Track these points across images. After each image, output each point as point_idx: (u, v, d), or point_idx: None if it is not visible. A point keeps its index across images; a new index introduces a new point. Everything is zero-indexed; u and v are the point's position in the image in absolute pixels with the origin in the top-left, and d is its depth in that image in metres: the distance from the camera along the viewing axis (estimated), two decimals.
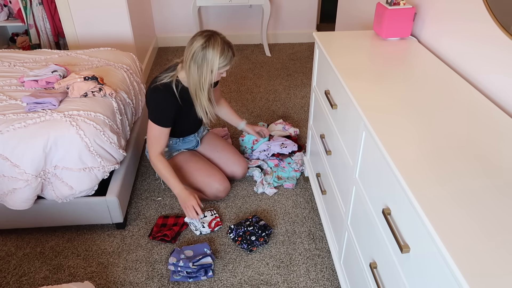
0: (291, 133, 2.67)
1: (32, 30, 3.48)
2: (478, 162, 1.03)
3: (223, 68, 1.82)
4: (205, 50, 1.74)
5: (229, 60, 1.81)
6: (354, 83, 1.44)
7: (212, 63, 1.76)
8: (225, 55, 1.78)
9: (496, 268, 0.76)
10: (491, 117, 1.23)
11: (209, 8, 4.08)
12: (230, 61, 1.82)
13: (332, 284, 1.74)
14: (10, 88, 2.00)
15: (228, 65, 1.83)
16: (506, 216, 0.87)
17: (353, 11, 2.86)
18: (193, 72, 1.80)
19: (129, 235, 1.98)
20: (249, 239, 1.89)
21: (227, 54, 1.79)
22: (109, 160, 1.88)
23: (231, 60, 1.82)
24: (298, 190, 2.26)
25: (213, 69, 1.78)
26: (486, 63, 1.42)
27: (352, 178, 1.41)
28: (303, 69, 3.70)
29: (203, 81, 1.81)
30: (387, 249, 1.12)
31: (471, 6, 1.49)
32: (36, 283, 1.74)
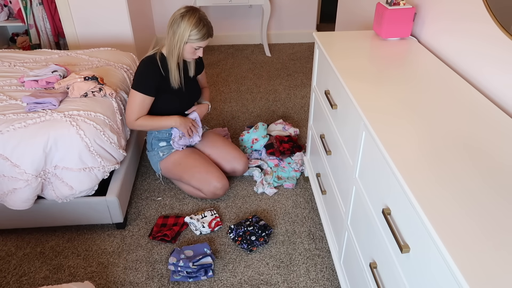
0: (291, 133, 2.67)
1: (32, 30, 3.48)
2: (478, 162, 1.03)
3: (196, 42, 1.88)
4: (181, 19, 1.84)
5: (202, 35, 1.86)
6: (354, 83, 1.44)
7: (184, 32, 1.84)
8: (199, 29, 1.84)
9: (496, 268, 0.76)
10: (491, 117, 1.23)
11: (209, 8, 4.08)
12: (203, 37, 1.87)
13: (332, 284, 1.74)
14: (10, 88, 2.00)
15: (200, 40, 1.88)
16: (506, 216, 0.87)
17: (353, 11, 2.86)
18: (169, 37, 1.89)
19: (129, 235, 1.98)
20: (249, 239, 1.89)
21: (201, 29, 1.85)
22: (109, 160, 1.89)
23: (204, 36, 1.87)
24: (298, 190, 2.26)
25: (184, 38, 1.85)
26: (486, 63, 1.42)
27: (352, 178, 1.41)
28: (303, 69, 3.70)
29: (174, 47, 1.88)
30: (387, 249, 1.12)
31: (471, 6, 1.49)
32: (36, 283, 1.75)
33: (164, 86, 1.99)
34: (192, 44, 1.88)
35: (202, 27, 1.85)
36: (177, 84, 2.02)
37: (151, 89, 1.95)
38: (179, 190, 2.26)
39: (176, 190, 2.26)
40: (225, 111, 3.01)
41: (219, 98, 3.21)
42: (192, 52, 1.93)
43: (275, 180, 2.30)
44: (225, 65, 3.79)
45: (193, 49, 1.91)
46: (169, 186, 2.29)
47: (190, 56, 1.95)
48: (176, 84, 2.01)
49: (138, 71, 1.97)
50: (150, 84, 1.95)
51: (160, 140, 2.14)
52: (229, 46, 4.25)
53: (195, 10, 1.87)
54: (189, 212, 2.12)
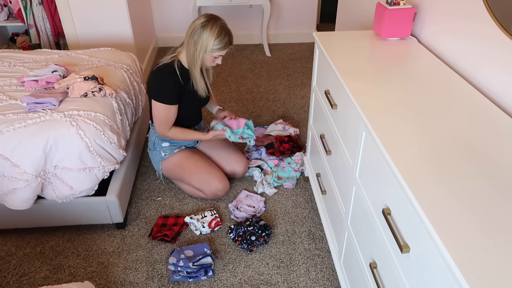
0: (291, 133, 2.67)
1: (32, 30, 3.48)
2: (478, 162, 1.03)
3: (217, 52, 1.88)
4: (203, 29, 1.82)
5: (223, 44, 1.86)
6: (354, 83, 1.44)
7: (207, 42, 1.83)
8: (220, 39, 1.84)
9: (496, 267, 0.76)
10: (491, 117, 1.23)
11: (209, 8, 4.08)
12: (225, 47, 1.87)
13: (332, 284, 1.74)
14: (10, 88, 2.00)
15: (222, 49, 1.88)
16: (506, 216, 0.87)
17: (353, 11, 2.86)
18: (190, 47, 1.87)
19: (129, 235, 1.98)
20: (249, 239, 1.89)
21: (223, 39, 1.85)
22: (109, 160, 1.88)
23: (226, 45, 1.88)
24: (298, 190, 2.26)
25: (207, 48, 1.85)
26: (486, 63, 1.42)
27: (352, 178, 1.41)
28: (303, 69, 3.70)
29: (197, 57, 1.88)
30: (387, 249, 1.12)
31: (471, 6, 1.49)
32: (36, 283, 1.75)
33: (181, 94, 1.98)
34: (213, 53, 1.88)
35: (224, 36, 1.85)
36: (204, 92, 2.03)
37: (173, 98, 1.95)
38: (179, 190, 2.26)
39: (176, 190, 2.26)
40: None
41: (219, 98, 3.21)
42: (212, 60, 1.92)
43: (275, 180, 2.30)
44: (225, 65, 3.79)
45: (213, 58, 1.91)
46: (169, 186, 2.29)
47: (210, 64, 1.95)
48: (203, 92, 2.02)
49: (158, 81, 1.93)
50: (171, 93, 1.93)
51: (163, 140, 2.14)
52: None
53: (216, 19, 1.85)
54: (189, 212, 2.12)
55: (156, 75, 1.94)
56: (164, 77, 1.93)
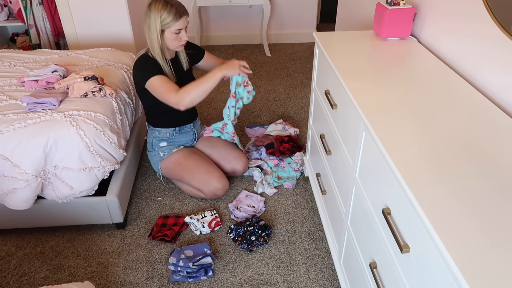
0: (291, 133, 2.68)
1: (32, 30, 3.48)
2: (478, 162, 1.03)
3: (172, 26, 1.81)
4: (148, 9, 1.80)
5: (173, 15, 1.79)
6: (354, 83, 1.44)
7: (155, 21, 1.79)
8: (168, 11, 1.78)
9: (496, 267, 0.76)
10: (491, 117, 1.23)
11: (209, 8, 4.08)
12: (176, 17, 1.80)
13: (332, 284, 1.74)
14: (10, 88, 2.00)
15: (175, 21, 1.80)
16: (506, 216, 0.87)
17: (353, 11, 2.86)
18: (146, 33, 1.84)
19: (129, 235, 1.98)
20: (249, 239, 1.89)
21: (170, 10, 1.79)
22: (109, 160, 1.89)
23: (176, 15, 1.80)
24: (298, 190, 2.26)
25: (157, 26, 1.80)
26: (486, 63, 1.42)
27: (352, 178, 1.41)
28: (303, 69, 3.70)
29: (154, 41, 1.84)
30: (387, 249, 1.12)
31: (471, 6, 1.49)
32: (36, 283, 1.75)
33: None
34: (170, 29, 1.82)
35: (171, 7, 1.78)
36: (172, 78, 1.95)
37: (158, 70, 1.89)
38: (179, 190, 2.26)
39: (176, 190, 2.27)
40: None
41: (219, 98, 3.21)
42: (175, 38, 1.85)
43: (275, 180, 2.30)
44: None
45: (174, 35, 1.84)
46: (169, 186, 2.29)
47: (176, 43, 1.88)
48: (171, 78, 1.95)
49: (138, 67, 1.93)
50: (154, 67, 1.90)
51: (160, 140, 2.14)
52: (229, 46, 4.25)
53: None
54: (189, 212, 2.12)
55: (137, 64, 1.93)
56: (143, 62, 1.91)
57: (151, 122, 2.15)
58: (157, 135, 2.13)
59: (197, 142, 2.28)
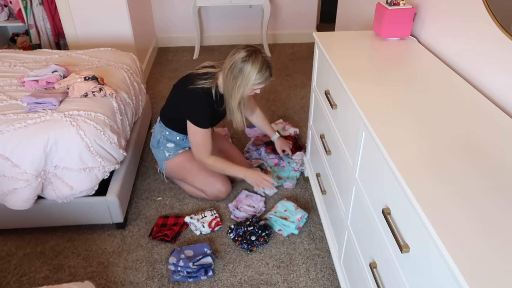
0: (291, 133, 2.68)
1: (33, 30, 3.48)
2: (478, 162, 1.03)
3: (258, 85, 1.87)
4: (244, 64, 1.80)
5: (264, 79, 1.85)
6: (354, 83, 1.44)
7: (248, 77, 1.82)
8: (262, 73, 1.82)
9: (496, 267, 0.76)
10: (491, 117, 1.23)
11: (209, 8, 4.08)
12: (265, 80, 1.87)
13: (332, 284, 1.74)
14: (11, 88, 2.00)
15: (263, 83, 1.87)
16: (506, 216, 0.87)
17: (353, 11, 2.86)
18: (229, 81, 1.85)
19: (129, 235, 1.98)
20: (249, 239, 1.89)
21: (264, 73, 1.83)
22: (109, 160, 1.89)
23: (267, 79, 1.87)
24: (298, 190, 2.26)
25: (248, 83, 1.83)
26: (486, 63, 1.42)
27: (352, 178, 1.41)
28: (303, 69, 3.70)
29: (236, 92, 1.87)
30: (387, 249, 1.12)
31: (471, 6, 1.49)
32: (36, 283, 1.75)
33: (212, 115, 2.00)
34: (254, 87, 1.87)
35: (265, 71, 1.83)
36: (241, 124, 2.01)
37: (210, 122, 1.96)
38: (179, 190, 2.26)
39: (176, 190, 2.27)
40: None
41: None
42: (251, 91, 1.91)
43: (275, 180, 2.30)
44: None
45: (252, 90, 1.90)
46: (169, 186, 2.29)
47: (248, 94, 1.94)
48: (240, 124, 2.01)
49: (200, 108, 1.92)
50: (208, 117, 1.94)
51: (169, 141, 2.13)
52: (229, 46, 4.25)
53: (257, 53, 1.82)
54: (189, 212, 2.13)
55: (200, 102, 1.92)
56: (206, 106, 1.92)
57: (165, 122, 2.12)
58: (167, 135, 2.12)
59: None
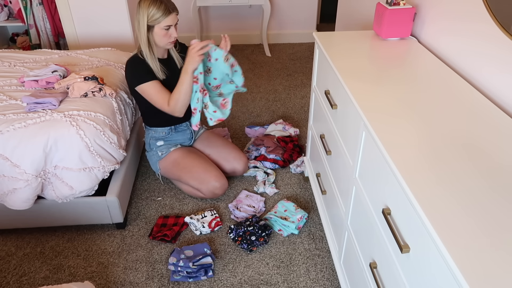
0: (291, 133, 2.67)
1: (32, 30, 3.48)
2: (478, 162, 1.03)
3: (161, 22, 1.82)
4: (138, 6, 1.83)
5: (162, 11, 1.80)
6: (354, 83, 1.44)
7: (143, 16, 1.81)
8: (156, 7, 1.80)
9: (496, 268, 0.76)
10: (491, 117, 1.23)
11: (209, 8, 4.08)
12: (165, 13, 1.81)
13: (332, 284, 1.74)
14: (10, 88, 2.00)
15: (164, 16, 1.81)
16: (506, 216, 0.87)
17: (353, 11, 2.86)
18: (136, 29, 1.87)
19: (129, 235, 1.98)
20: (249, 239, 1.89)
21: (159, 6, 1.80)
22: (109, 160, 1.89)
23: (166, 11, 1.81)
24: (298, 190, 2.26)
25: (145, 21, 1.82)
26: (486, 63, 1.42)
27: (352, 178, 1.41)
28: (303, 69, 3.70)
29: (143, 37, 1.86)
30: (387, 249, 1.12)
31: (471, 6, 1.49)
32: (36, 283, 1.75)
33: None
34: (159, 25, 1.83)
35: (160, 3, 1.80)
36: (162, 73, 1.95)
37: (150, 76, 1.92)
38: (179, 190, 2.26)
39: (176, 190, 2.27)
40: None
41: None
42: (164, 34, 1.86)
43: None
44: None
45: (163, 31, 1.85)
46: (169, 186, 2.29)
47: (165, 40, 1.88)
48: (161, 74, 1.95)
49: (130, 70, 1.94)
50: (146, 72, 1.91)
51: (157, 139, 2.14)
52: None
53: None
54: (189, 212, 2.12)
55: (128, 67, 1.95)
56: (134, 64, 1.93)
57: (147, 122, 2.15)
58: (154, 134, 2.13)
59: (196, 142, 2.27)
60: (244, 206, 2.11)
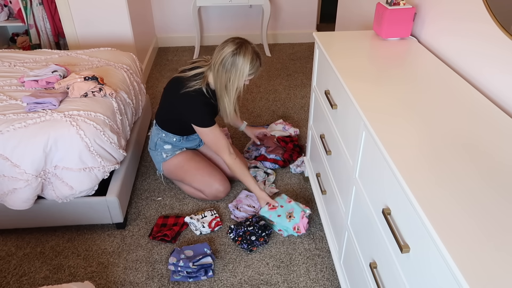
0: (291, 133, 2.67)
1: (32, 30, 3.48)
2: (478, 162, 1.03)
3: (249, 76, 1.88)
4: (235, 57, 1.81)
5: (256, 69, 1.87)
6: (354, 83, 1.44)
7: (241, 70, 1.82)
8: (253, 64, 1.84)
9: (496, 268, 0.76)
10: (491, 117, 1.23)
11: (209, 8, 4.08)
12: (257, 71, 1.88)
13: (332, 284, 1.74)
14: (10, 88, 2.00)
15: (254, 74, 1.88)
16: (506, 216, 0.87)
17: (353, 11, 2.86)
18: (221, 76, 1.85)
19: (129, 235, 1.98)
20: (249, 239, 1.89)
21: (255, 63, 1.85)
22: (109, 160, 1.89)
23: (258, 69, 1.88)
24: (298, 190, 2.26)
25: (243, 76, 1.84)
26: (486, 63, 1.42)
27: (352, 178, 1.41)
28: (303, 69, 3.70)
29: (231, 86, 1.87)
30: (387, 249, 1.12)
31: (471, 6, 1.49)
32: (36, 283, 1.75)
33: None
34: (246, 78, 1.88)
35: (256, 60, 1.85)
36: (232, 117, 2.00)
37: (211, 119, 1.95)
38: (179, 190, 2.26)
39: (176, 190, 2.27)
40: None
41: None
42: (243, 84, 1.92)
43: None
44: None
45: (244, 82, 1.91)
46: (169, 186, 2.29)
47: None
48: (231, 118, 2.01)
49: (195, 107, 1.91)
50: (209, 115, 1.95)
51: (166, 142, 2.13)
52: None
53: (245, 44, 1.84)
54: (189, 212, 2.12)
55: (197, 102, 1.91)
56: (204, 104, 1.92)
57: (161, 124, 2.12)
58: (164, 137, 2.12)
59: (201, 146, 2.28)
60: (244, 206, 2.11)
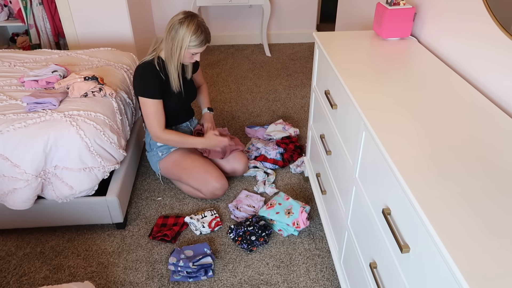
0: (291, 133, 2.67)
1: (32, 30, 3.48)
2: (478, 162, 1.03)
3: (194, 49, 1.89)
4: (180, 25, 1.84)
5: (200, 41, 1.87)
6: (354, 83, 1.44)
7: (183, 38, 1.85)
8: (197, 36, 1.85)
9: (496, 268, 0.76)
10: (491, 117, 1.23)
11: (209, 8, 4.08)
12: (201, 44, 1.89)
13: (332, 284, 1.74)
14: (10, 88, 2.00)
15: (199, 47, 1.89)
16: (506, 216, 0.87)
17: (353, 11, 2.86)
18: (168, 43, 1.90)
19: (129, 235, 1.98)
20: (249, 239, 1.89)
21: (199, 36, 1.86)
22: (109, 160, 1.89)
23: (202, 43, 1.89)
24: (298, 190, 2.26)
25: (183, 45, 1.86)
26: (486, 63, 1.42)
27: (352, 178, 1.41)
28: (303, 69, 3.70)
29: (173, 53, 1.90)
30: (387, 249, 1.12)
31: (471, 6, 1.49)
32: (36, 283, 1.75)
33: (164, 89, 2.00)
34: (190, 50, 1.89)
35: (200, 33, 1.86)
36: (177, 87, 2.02)
37: (158, 92, 1.96)
38: (179, 190, 2.26)
39: (176, 190, 2.27)
40: (225, 111, 3.02)
41: (219, 98, 3.21)
42: (190, 57, 1.94)
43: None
44: (225, 65, 3.79)
45: (190, 55, 1.92)
46: (169, 186, 2.29)
47: (188, 60, 1.96)
48: (177, 87, 2.02)
49: (140, 77, 1.95)
50: (155, 87, 1.95)
51: None
52: (229, 46, 4.25)
53: (193, 16, 1.87)
54: (189, 212, 2.12)
55: (138, 72, 1.96)
56: (147, 73, 1.95)
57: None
58: None
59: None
60: (244, 206, 2.11)
